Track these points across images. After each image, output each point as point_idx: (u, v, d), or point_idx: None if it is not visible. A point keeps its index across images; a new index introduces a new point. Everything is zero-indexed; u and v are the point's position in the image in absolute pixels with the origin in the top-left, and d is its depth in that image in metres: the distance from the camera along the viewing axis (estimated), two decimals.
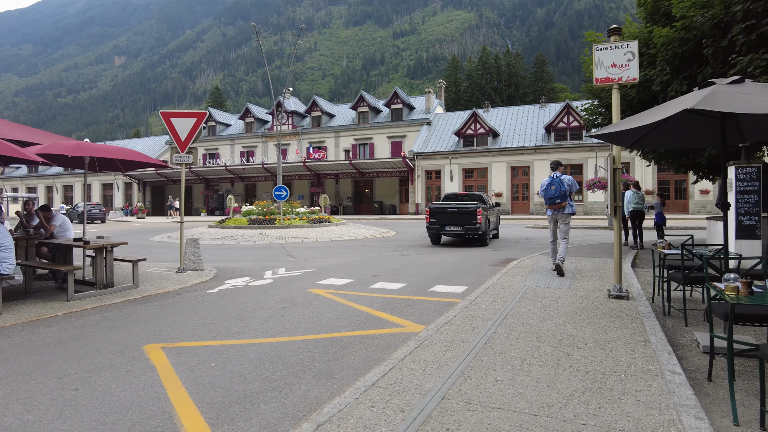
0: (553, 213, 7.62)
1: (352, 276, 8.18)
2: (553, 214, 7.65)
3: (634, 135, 4.85)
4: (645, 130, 4.69)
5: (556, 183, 7.44)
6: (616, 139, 4.99)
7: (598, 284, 6.56)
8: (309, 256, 11.59)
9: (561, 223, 7.55)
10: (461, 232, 12.97)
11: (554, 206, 7.49)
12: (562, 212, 7.51)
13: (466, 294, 6.41)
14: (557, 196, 7.38)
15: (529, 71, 78.51)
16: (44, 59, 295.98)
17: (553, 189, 7.43)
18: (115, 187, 48.25)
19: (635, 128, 4.27)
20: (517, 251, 11.79)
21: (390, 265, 9.50)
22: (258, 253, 12.26)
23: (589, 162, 31.05)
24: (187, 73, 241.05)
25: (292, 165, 38.32)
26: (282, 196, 17.43)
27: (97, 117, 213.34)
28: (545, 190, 7.57)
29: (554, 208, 7.53)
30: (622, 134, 4.62)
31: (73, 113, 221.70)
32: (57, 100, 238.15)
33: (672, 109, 3.81)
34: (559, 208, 7.48)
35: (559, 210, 7.52)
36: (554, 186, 7.43)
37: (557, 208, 7.50)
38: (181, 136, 8.61)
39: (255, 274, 8.58)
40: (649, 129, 4.66)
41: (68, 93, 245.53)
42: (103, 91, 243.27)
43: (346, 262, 10.14)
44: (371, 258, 10.97)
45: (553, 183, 7.48)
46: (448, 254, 11.37)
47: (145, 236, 18.97)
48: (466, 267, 9.06)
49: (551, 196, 7.46)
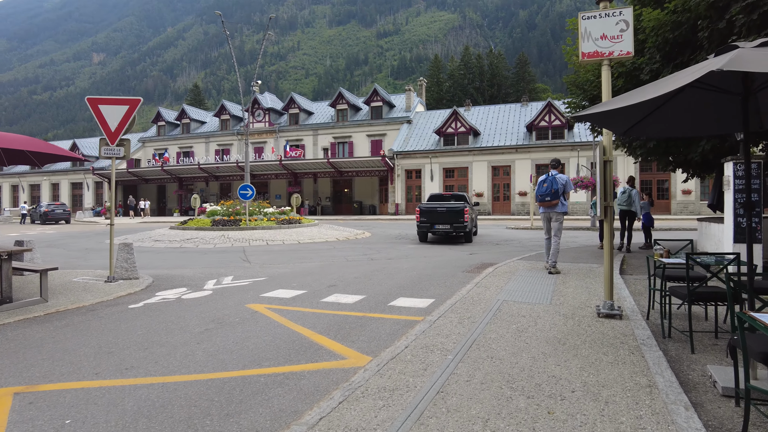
0: (545, 211, 7.62)
1: (306, 286, 7.15)
2: (546, 212, 7.64)
3: (629, 117, 3.93)
4: (644, 110, 3.76)
5: (549, 181, 7.40)
6: (608, 122, 4.06)
7: (584, 297, 5.63)
8: (267, 261, 10.51)
9: (553, 221, 7.55)
10: (450, 230, 13.67)
11: (545, 204, 7.48)
12: (553, 210, 7.50)
13: (431, 309, 5.45)
14: (548, 193, 7.36)
15: (511, 71, 78.29)
16: (18, 55, 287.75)
17: (545, 186, 7.42)
18: (85, 187, 46.30)
19: (634, 105, 3.33)
20: (495, 254, 10.88)
21: (353, 272, 8.49)
22: (212, 258, 11.14)
23: (571, 161, 30.47)
24: (168, 71, 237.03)
25: (268, 164, 37.06)
26: (248, 196, 16.29)
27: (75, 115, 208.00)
28: (537, 187, 7.57)
29: (545, 206, 7.52)
30: (615, 114, 3.69)
31: (49, 111, 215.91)
32: (32, 97, 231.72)
33: (684, 78, 2.87)
34: (550, 206, 7.46)
35: (550, 208, 7.50)
36: (546, 183, 7.41)
37: (548, 206, 7.50)
38: (110, 125, 7.48)
39: (195, 284, 7.49)
40: (650, 108, 3.74)
41: (44, 90, 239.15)
42: (81, 88, 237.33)
43: (305, 269, 9.10)
44: (336, 263, 9.95)
45: (546, 180, 7.45)
46: (421, 259, 10.41)
47: (102, 238, 17.63)
48: (438, 274, 8.10)
49: (542, 193, 7.44)
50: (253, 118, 42.77)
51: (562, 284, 6.50)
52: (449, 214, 13.58)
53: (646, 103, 3.55)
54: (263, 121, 42.34)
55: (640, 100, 3.14)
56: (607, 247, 4.62)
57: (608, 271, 4.61)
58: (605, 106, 3.46)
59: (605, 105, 3.49)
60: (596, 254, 10.25)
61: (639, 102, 3.17)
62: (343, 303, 5.95)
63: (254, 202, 19.52)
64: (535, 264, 8.50)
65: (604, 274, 4.65)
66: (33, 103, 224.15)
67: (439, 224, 13.68)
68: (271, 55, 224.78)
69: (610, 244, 4.62)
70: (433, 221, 13.73)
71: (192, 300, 6.33)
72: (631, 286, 6.61)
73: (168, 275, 8.46)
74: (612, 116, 3.77)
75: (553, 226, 7.54)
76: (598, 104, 3.62)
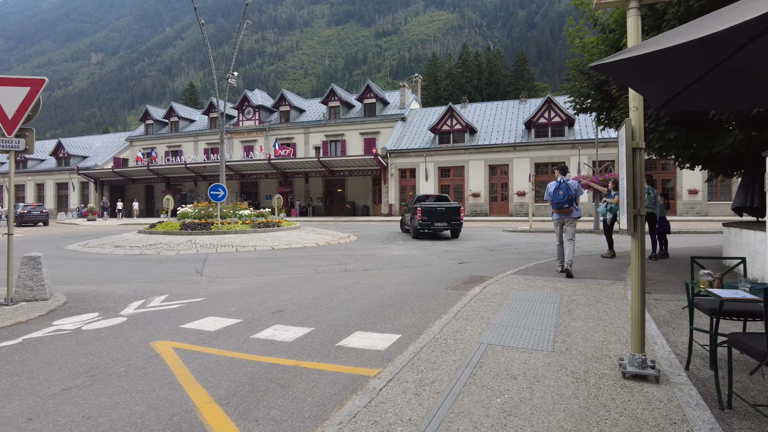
0: (560, 217, 7.70)
1: (246, 312, 5.72)
2: (560, 218, 7.71)
3: (675, 76, 2.50)
4: (703, 62, 2.33)
5: (563, 188, 7.47)
6: (639, 78, 2.60)
7: (598, 337, 4.19)
8: (224, 273, 9.08)
9: (568, 226, 7.65)
10: (447, 227, 15.47)
11: (562, 210, 7.57)
12: (569, 216, 7.61)
13: (392, 352, 4.02)
14: (565, 200, 7.46)
15: (510, 69, 76.85)
16: (17, 55, 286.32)
17: (560, 194, 7.48)
18: (71, 187, 44.83)
19: (690, 43, 1.90)
20: (488, 264, 9.46)
21: (315, 290, 7.06)
22: (163, 269, 9.70)
23: (572, 160, 29.04)
24: (166, 71, 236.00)
25: (257, 163, 35.61)
26: (219, 197, 14.86)
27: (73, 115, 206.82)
28: (553, 194, 7.59)
29: (562, 213, 7.62)
30: (654, 64, 2.26)
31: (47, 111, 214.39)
32: None
33: None
34: (566, 212, 7.57)
35: (566, 214, 7.61)
36: (562, 191, 7.48)
37: (565, 213, 7.60)
38: (7, 112, 6.04)
39: (113, 307, 6.06)
40: (712, 61, 2.30)
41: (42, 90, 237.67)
42: (80, 88, 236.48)
43: (260, 285, 7.67)
44: (300, 276, 8.52)
45: (560, 187, 7.50)
46: (401, 270, 8.97)
47: (64, 243, 16.18)
48: (415, 292, 6.67)
49: (559, 201, 7.51)
50: (242, 115, 41.35)
51: (568, 313, 5.04)
52: (448, 213, 15.28)
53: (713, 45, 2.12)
54: (253, 119, 40.92)
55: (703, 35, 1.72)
56: (636, 280, 3.15)
57: (638, 313, 3.14)
58: (645, 47, 2.02)
59: (645, 46, 2.06)
60: (603, 264, 8.82)
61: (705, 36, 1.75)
62: (279, 341, 4.52)
63: (230, 204, 18.11)
64: (533, 280, 7.06)
65: (632, 315, 3.18)
66: None
67: (438, 222, 15.19)
68: (269, 54, 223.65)
69: (641, 272, 3.16)
70: (433, 219, 15.15)
71: (91, 333, 4.90)
72: (654, 311, 5.19)
73: (92, 293, 7.03)
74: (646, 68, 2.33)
75: (569, 231, 7.64)
76: (633, 47, 2.16)
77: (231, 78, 18.11)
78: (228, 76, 18.20)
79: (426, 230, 15.41)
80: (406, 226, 17.81)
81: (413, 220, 15.68)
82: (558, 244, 7.86)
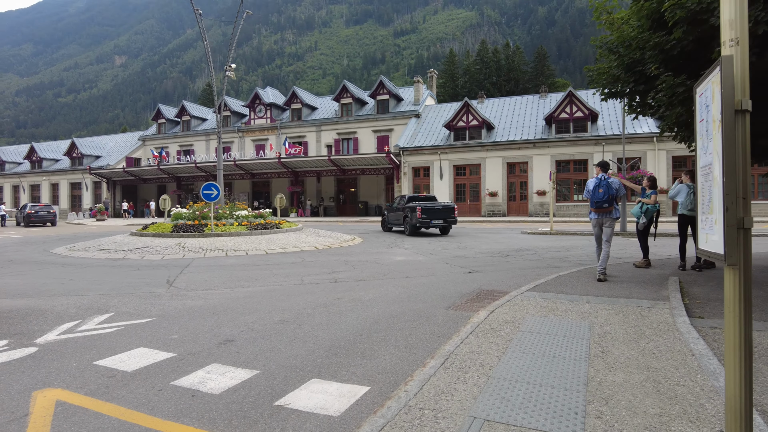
0: (599, 217, 7.24)
1: (187, 342, 4.56)
2: (599, 218, 7.25)
3: None
4: None
5: (603, 185, 7.01)
6: None
7: (651, 406, 2.84)
8: (196, 284, 7.96)
9: (606, 227, 7.20)
10: (444, 224, 16.86)
11: (601, 210, 7.10)
12: (608, 216, 7.15)
13: (349, 420, 2.80)
14: (605, 200, 6.97)
15: (529, 65, 74.72)
16: (45, 59, 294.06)
17: (600, 192, 7.00)
18: (84, 187, 44.72)
19: None
20: (501, 275, 8.14)
21: (287, 309, 5.88)
22: (130, 279, 8.64)
23: (594, 157, 27.30)
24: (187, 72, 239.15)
25: (268, 162, 34.68)
26: (212, 196, 13.82)
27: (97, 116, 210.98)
28: (592, 192, 7.10)
29: (601, 212, 7.15)
30: None
31: (73, 113, 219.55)
32: (57, 99, 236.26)
33: None
34: (606, 212, 7.10)
35: (605, 214, 7.14)
36: (602, 189, 7.00)
37: (604, 212, 7.12)
38: None
39: (34, 331, 4.96)
40: None
41: (68, 92, 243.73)
42: (104, 90, 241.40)
43: (226, 301, 6.52)
44: (280, 289, 7.35)
45: (600, 185, 7.03)
46: (399, 281, 7.72)
47: (55, 245, 15.35)
48: (408, 313, 5.44)
49: (599, 200, 7.01)
50: (254, 114, 40.56)
51: (602, 356, 3.69)
52: (444, 211, 16.73)
53: None
54: (264, 117, 40.09)
55: None
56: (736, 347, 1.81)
57: (739, 407, 1.80)
58: None
59: None
60: (637, 276, 7.41)
61: None
62: (204, 392, 3.32)
63: (228, 203, 17.11)
64: (554, 300, 5.71)
65: (729, 406, 1.84)
66: (58, 106, 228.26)
67: (436, 219, 16.55)
68: (288, 55, 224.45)
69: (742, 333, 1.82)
70: (432, 217, 16.47)
71: None
72: (716, 346, 3.83)
73: (24, 310, 5.96)
74: None
75: (606, 232, 7.15)
76: None
77: (229, 71, 17.08)
78: (226, 68, 17.18)
79: (424, 227, 16.64)
80: (389, 225, 19.37)
81: (411, 218, 16.78)
82: (597, 246, 7.39)
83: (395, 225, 18.85)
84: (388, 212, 19.43)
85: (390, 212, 19.21)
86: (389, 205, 19.86)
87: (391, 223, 19.05)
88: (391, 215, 19.09)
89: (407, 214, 17.08)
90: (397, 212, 18.29)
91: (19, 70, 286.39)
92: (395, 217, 18.59)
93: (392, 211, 18.92)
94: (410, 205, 16.93)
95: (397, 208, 18.42)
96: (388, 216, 19.40)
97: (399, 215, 18.09)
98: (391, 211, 19.13)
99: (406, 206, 17.36)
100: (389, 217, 19.25)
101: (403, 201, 18.08)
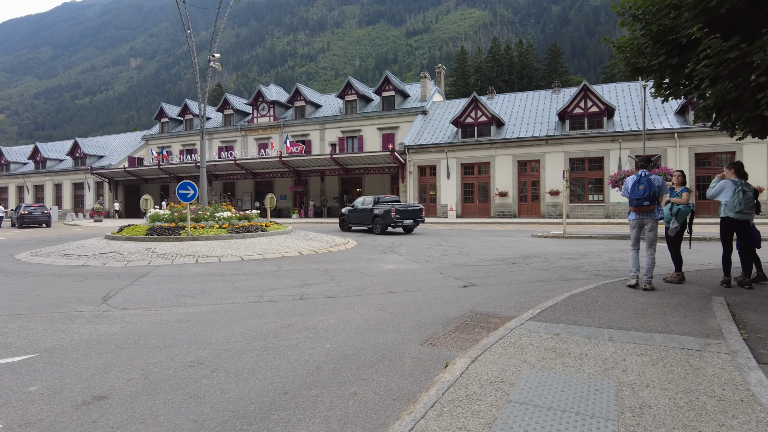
0: (639, 217, 6.35)
1: (37, 401, 3.23)
2: (639, 219, 6.36)
3: None
4: None
5: (644, 182, 6.17)
6: None
7: None
8: (136, 301, 6.67)
9: (648, 230, 6.30)
10: (413, 223, 18.43)
11: (642, 209, 6.23)
12: (650, 216, 6.26)
13: None
14: (646, 197, 6.12)
15: (542, 63, 72.68)
16: (63, 62, 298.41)
17: (641, 189, 6.16)
18: (86, 187, 44.07)
19: None
20: (502, 291, 6.70)
21: (214, 343, 4.54)
22: (62, 293, 7.37)
23: (611, 154, 25.63)
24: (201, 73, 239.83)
25: (269, 161, 33.49)
26: (188, 196, 12.57)
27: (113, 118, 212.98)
28: (632, 189, 6.26)
29: (641, 212, 6.27)
30: None
31: (89, 114, 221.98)
32: (74, 101, 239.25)
33: None
34: (647, 211, 6.23)
35: (646, 214, 6.26)
36: (643, 185, 6.16)
37: (645, 212, 6.25)
38: None
39: None
40: None
41: (85, 95, 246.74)
42: (119, 92, 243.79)
43: (149, 328, 5.20)
44: (227, 309, 6.02)
45: (641, 182, 6.19)
46: (378, 297, 6.35)
47: (26, 249, 14.24)
48: (368, 351, 4.07)
49: (639, 197, 6.17)
50: (257, 112, 39.47)
51: None
52: (414, 212, 18.44)
53: None
54: (268, 115, 38.97)
55: None
56: None
57: None
58: None
59: None
60: (672, 296, 5.91)
61: None
62: None
63: (213, 204, 15.88)
64: (565, 338, 4.24)
65: None
66: (75, 108, 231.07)
67: (407, 219, 18.14)
68: (300, 56, 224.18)
69: None
70: (405, 217, 18.07)
71: None
72: None
73: None
74: None
75: (649, 236, 6.33)
76: None
77: (213, 61, 15.85)
78: (209, 58, 15.96)
79: (397, 225, 18.03)
80: (349, 225, 20.30)
81: (384, 217, 18.10)
82: (634, 249, 6.50)
83: (357, 225, 20.06)
84: (350, 213, 20.40)
85: (352, 213, 20.26)
86: (351, 206, 20.72)
87: (353, 223, 20.17)
88: (352, 215, 20.15)
89: (379, 214, 18.33)
90: (364, 213, 19.40)
91: (38, 73, 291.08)
92: (359, 218, 19.73)
93: (355, 212, 20.04)
94: (383, 207, 18.35)
95: (363, 210, 19.49)
96: (348, 216, 20.42)
97: (366, 216, 19.22)
98: (353, 212, 20.16)
99: (374, 207, 18.76)
100: (350, 217, 20.29)
101: (369, 203, 19.29)
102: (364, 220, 19.41)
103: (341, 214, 21.06)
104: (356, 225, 20.08)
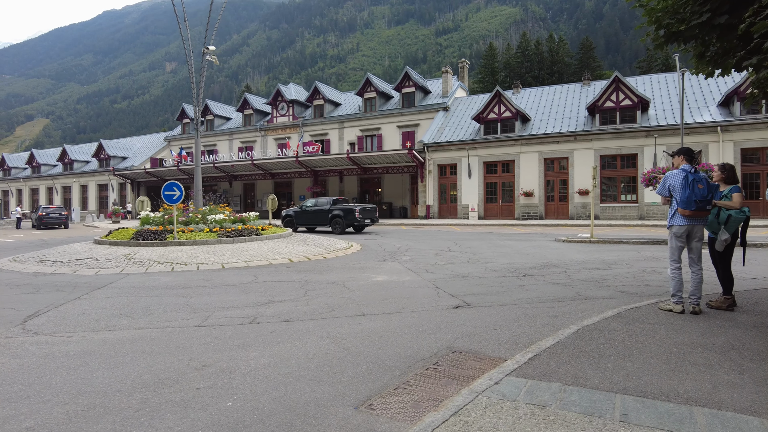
0: (691, 224, 4.99)
1: None
2: (690, 226, 5.00)
3: None
4: None
5: (702, 180, 4.89)
6: None
7: None
8: (64, 320, 5.68)
9: (696, 240, 5.07)
10: (371, 222, 19.94)
11: (701, 214, 4.94)
12: (702, 223, 5.05)
13: None
14: (707, 200, 4.90)
15: (574, 57, 69.74)
16: (103, 68, 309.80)
17: (701, 188, 4.85)
18: (110, 188, 44.54)
19: None
20: (500, 315, 5.37)
21: (86, 393, 3.44)
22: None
23: (645, 151, 23.57)
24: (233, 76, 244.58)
25: (287, 161, 32.70)
26: (174, 198, 11.65)
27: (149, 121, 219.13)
28: (684, 188, 4.85)
29: (698, 217, 4.96)
30: None
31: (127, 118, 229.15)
32: (113, 106, 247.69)
33: None
34: (704, 217, 5.02)
35: (701, 220, 5.03)
36: (702, 184, 4.87)
37: (701, 217, 5.00)
38: None
39: None
40: None
41: (123, 99, 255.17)
42: (155, 96, 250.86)
43: (27, 369, 4.15)
44: (155, 337, 4.94)
45: (699, 180, 4.87)
46: (344, 322, 5.13)
47: (24, 252, 13.69)
48: (282, 417, 2.89)
49: (701, 199, 4.85)
50: (276, 111, 38.85)
51: None
52: (371, 212, 19.92)
53: None
54: (287, 115, 38.29)
55: None
56: None
57: None
58: None
59: None
60: (720, 331, 4.47)
61: None
62: None
63: (210, 205, 14.98)
64: (557, 411, 2.92)
65: None
66: (113, 112, 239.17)
67: (366, 218, 19.47)
68: (330, 57, 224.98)
69: None
70: (364, 216, 19.29)
71: None
72: None
73: None
74: None
75: (696, 248, 5.09)
76: None
77: (208, 55, 14.96)
78: (203, 50, 15.06)
79: (359, 223, 19.22)
80: (296, 225, 20.79)
81: (346, 218, 19.22)
82: (677, 266, 5.16)
83: (306, 225, 20.81)
84: (301, 214, 20.91)
85: (303, 214, 20.83)
86: (302, 206, 21.22)
87: (302, 224, 20.84)
88: (304, 216, 20.78)
89: (340, 215, 19.36)
90: (320, 214, 20.18)
91: (80, 79, 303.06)
92: (312, 219, 20.50)
93: (305, 213, 20.75)
94: (346, 207, 19.55)
95: (317, 210, 20.32)
96: (294, 217, 21.05)
97: (322, 216, 20.07)
98: (305, 213, 20.77)
99: (331, 208, 19.83)
100: (297, 218, 20.97)
101: (325, 204, 20.32)
102: (318, 220, 20.19)
103: (287, 215, 21.38)
104: (302, 225, 20.79)
